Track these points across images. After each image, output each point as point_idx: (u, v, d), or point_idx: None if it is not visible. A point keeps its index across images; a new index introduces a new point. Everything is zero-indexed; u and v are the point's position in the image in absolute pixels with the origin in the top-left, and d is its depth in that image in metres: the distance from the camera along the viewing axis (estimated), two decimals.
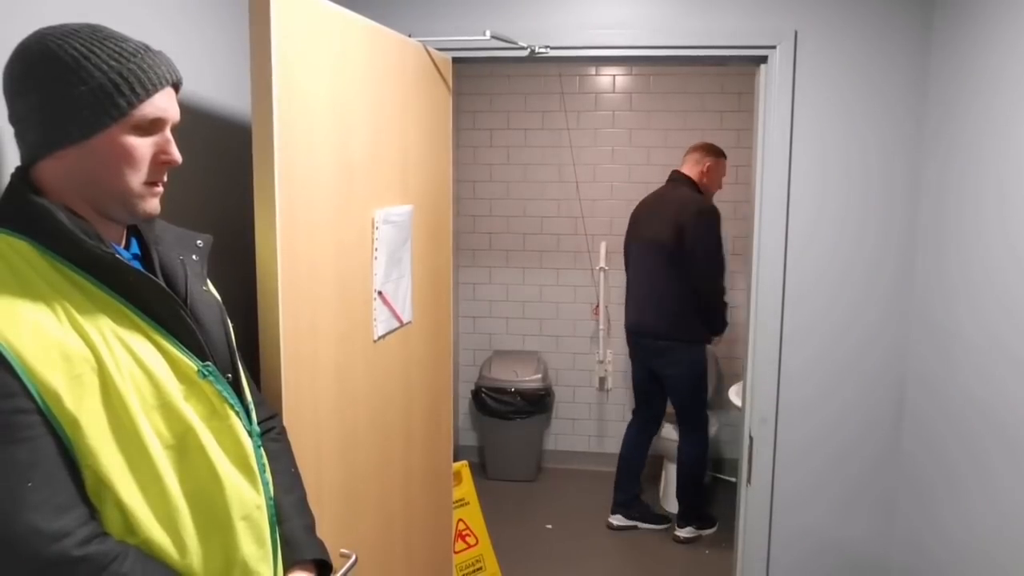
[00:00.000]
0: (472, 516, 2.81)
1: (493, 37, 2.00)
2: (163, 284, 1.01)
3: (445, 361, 2.28)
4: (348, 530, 1.54)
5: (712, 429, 3.58)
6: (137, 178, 0.96)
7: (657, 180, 3.55)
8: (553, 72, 4.01)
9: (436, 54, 2.08)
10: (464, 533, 2.79)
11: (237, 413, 1.06)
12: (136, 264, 1.01)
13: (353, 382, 1.66)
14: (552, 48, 2.27)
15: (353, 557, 1.45)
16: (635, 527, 3.54)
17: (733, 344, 4.03)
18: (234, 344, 1.14)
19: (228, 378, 1.07)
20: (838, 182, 2.26)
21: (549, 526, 3.57)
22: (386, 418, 1.84)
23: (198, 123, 1.60)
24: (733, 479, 3.85)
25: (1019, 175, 1.72)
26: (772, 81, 2.24)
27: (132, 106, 0.93)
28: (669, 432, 3.63)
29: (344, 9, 1.57)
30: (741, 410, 2.51)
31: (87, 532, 0.87)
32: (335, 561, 1.49)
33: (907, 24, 2.18)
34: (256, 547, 1.05)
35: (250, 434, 1.08)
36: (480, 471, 4.04)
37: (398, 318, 1.86)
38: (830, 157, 2.25)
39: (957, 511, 1.98)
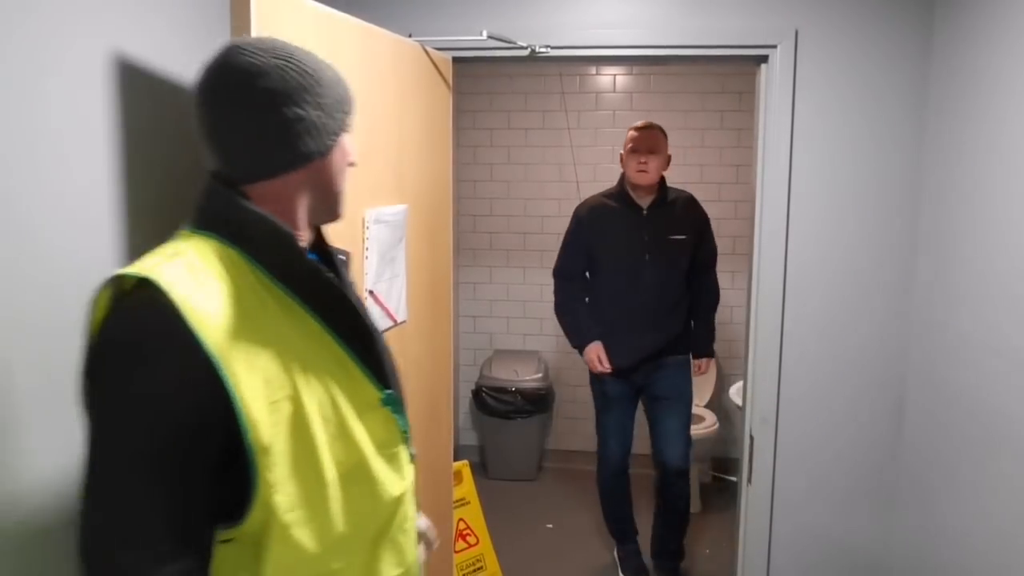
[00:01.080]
0: (473, 515, 2.82)
1: (490, 37, 2.00)
2: (361, 310, 0.97)
3: (445, 360, 2.27)
4: None
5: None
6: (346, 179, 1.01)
7: None
8: (553, 72, 4.00)
9: (435, 54, 2.08)
10: (465, 532, 2.79)
11: (406, 441, 1.03)
12: None
13: None
14: (552, 48, 2.27)
15: None
16: None
17: (733, 344, 4.03)
18: (394, 359, 1.10)
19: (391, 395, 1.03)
20: (838, 181, 2.25)
21: (549, 526, 3.56)
22: None
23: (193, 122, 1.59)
24: (734, 479, 3.85)
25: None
26: (773, 80, 2.24)
27: (353, 110, 0.98)
28: None
29: (332, 10, 1.56)
30: (742, 409, 2.50)
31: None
32: None
33: (908, 24, 2.17)
34: (398, 569, 1.03)
35: (411, 458, 1.06)
36: (481, 470, 4.04)
37: (391, 317, 1.86)
38: (830, 156, 2.24)
39: (961, 511, 1.97)
